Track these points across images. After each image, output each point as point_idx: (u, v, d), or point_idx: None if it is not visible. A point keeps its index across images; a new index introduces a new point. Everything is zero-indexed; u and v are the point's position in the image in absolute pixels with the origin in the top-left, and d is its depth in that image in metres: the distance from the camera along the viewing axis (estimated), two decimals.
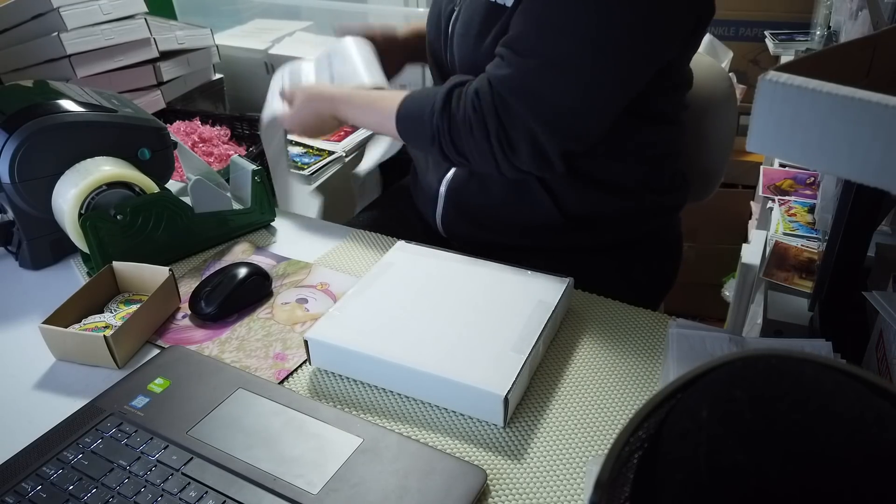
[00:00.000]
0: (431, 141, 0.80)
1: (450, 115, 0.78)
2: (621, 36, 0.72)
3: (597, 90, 0.74)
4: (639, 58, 0.75)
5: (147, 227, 0.83)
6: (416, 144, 0.85)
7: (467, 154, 0.79)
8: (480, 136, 0.76)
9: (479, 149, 0.77)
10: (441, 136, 0.79)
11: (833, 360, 0.34)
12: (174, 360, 0.68)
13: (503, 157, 0.77)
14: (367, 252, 0.89)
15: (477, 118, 0.76)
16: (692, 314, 0.80)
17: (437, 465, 0.56)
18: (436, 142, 0.80)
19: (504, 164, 0.78)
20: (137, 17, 1.36)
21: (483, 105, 0.75)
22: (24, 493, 0.54)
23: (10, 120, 0.78)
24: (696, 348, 0.66)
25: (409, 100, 0.83)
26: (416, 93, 0.84)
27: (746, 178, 1.83)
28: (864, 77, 0.50)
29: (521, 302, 0.71)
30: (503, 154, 0.76)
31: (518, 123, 0.75)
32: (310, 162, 1.46)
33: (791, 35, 1.87)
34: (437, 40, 0.91)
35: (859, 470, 0.29)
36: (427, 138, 0.81)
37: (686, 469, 0.31)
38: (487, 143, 0.76)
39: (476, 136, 0.76)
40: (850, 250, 0.79)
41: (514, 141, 0.75)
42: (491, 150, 0.76)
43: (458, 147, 0.79)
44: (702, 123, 1.03)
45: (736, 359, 0.34)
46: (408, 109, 0.83)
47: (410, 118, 0.82)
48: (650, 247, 0.96)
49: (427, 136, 0.80)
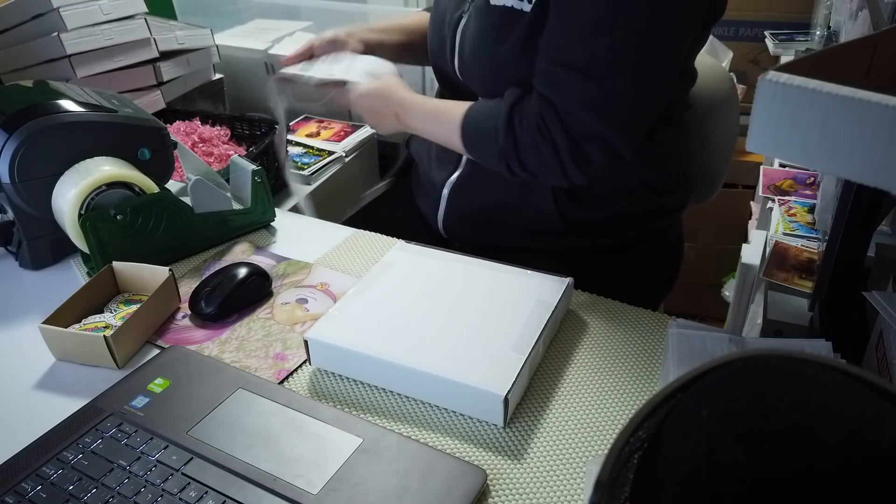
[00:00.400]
0: (498, 159, 0.81)
1: (515, 138, 0.79)
2: (659, 23, 0.73)
3: (651, 80, 0.76)
4: (678, 37, 0.76)
5: (147, 227, 0.83)
6: (482, 160, 0.86)
7: (537, 172, 0.80)
8: (550, 155, 0.77)
9: (549, 166, 0.78)
10: (508, 157, 0.80)
11: (833, 360, 0.34)
12: (174, 360, 0.68)
13: (575, 168, 0.78)
14: (367, 252, 0.89)
15: (544, 140, 0.77)
16: (692, 314, 0.80)
17: (437, 465, 0.56)
18: (502, 161, 0.81)
19: (576, 175, 0.78)
20: (137, 17, 1.36)
21: (550, 126, 0.76)
22: (24, 493, 0.54)
23: (10, 120, 0.78)
24: (696, 348, 0.66)
25: (472, 114, 0.83)
26: (478, 106, 0.84)
27: (746, 178, 1.83)
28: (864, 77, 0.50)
29: (521, 302, 0.71)
30: (575, 166, 0.77)
31: (589, 134, 0.76)
32: (310, 162, 1.46)
33: (791, 35, 1.86)
34: (440, 50, 0.91)
35: (859, 470, 0.29)
36: (493, 156, 0.82)
37: (686, 469, 0.31)
38: (558, 160, 0.77)
39: (545, 155, 0.77)
40: (850, 250, 0.79)
41: (588, 153, 0.77)
42: (562, 165, 0.77)
43: (525, 166, 0.80)
44: (704, 124, 1.03)
45: (736, 359, 0.34)
46: (471, 125, 0.83)
47: (474, 135, 0.83)
48: (651, 248, 0.96)
49: (493, 155, 0.81)
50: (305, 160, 1.48)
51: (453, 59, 0.88)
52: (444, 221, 0.96)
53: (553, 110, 0.76)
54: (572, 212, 0.87)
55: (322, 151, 1.51)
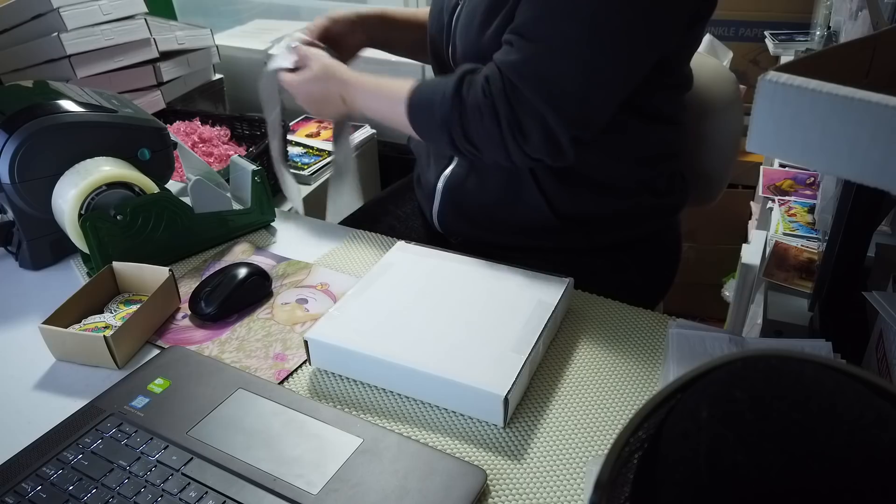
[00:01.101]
0: (441, 128, 0.79)
1: (461, 102, 0.77)
2: (622, 20, 0.72)
3: (600, 74, 0.75)
4: (640, 42, 0.75)
5: (147, 228, 0.83)
6: (425, 133, 0.84)
7: (477, 142, 0.78)
8: (491, 122, 0.75)
9: (489, 136, 0.76)
10: (451, 124, 0.78)
11: (833, 361, 0.34)
12: (174, 360, 0.68)
13: (514, 143, 0.76)
14: (367, 252, 0.89)
15: (487, 104, 0.75)
16: (692, 314, 0.80)
17: (437, 466, 0.56)
18: (445, 130, 0.79)
19: (515, 152, 0.77)
20: (137, 17, 1.36)
21: (494, 91, 0.75)
22: (24, 494, 0.54)
23: (10, 120, 0.79)
24: (696, 348, 0.66)
25: (420, 87, 0.82)
26: (427, 81, 0.83)
27: (746, 178, 1.83)
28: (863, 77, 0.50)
29: (521, 302, 0.71)
30: (514, 141, 0.76)
31: (529, 108, 0.74)
32: (309, 162, 1.46)
33: (791, 35, 1.87)
34: (439, 35, 0.91)
35: (859, 470, 0.29)
36: (437, 126, 0.80)
37: (686, 469, 0.31)
38: (498, 129, 0.75)
39: (486, 122, 0.76)
40: (850, 250, 0.79)
41: (525, 127, 0.75)
42: (501, 136, 0.76)
43: (468, 135, 0.78)
44: (707, 127, 1.02)
45: (736, 359, 0.34)
46: (419, 97, 0.82)
47: (421, 105, 0.81)
48: (648, 249, 0.95)
49: (437, 124, 0.79)
50: (305, 160, 1.48)
51: (449, 45, 0.88)
52: (439, 216, 0.96)
53: (499, 76, 0.75)
54: (564, 207, 0.87)
55: (322, 151, 1.51)
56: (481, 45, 0.81)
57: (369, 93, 0.87)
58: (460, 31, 0.84)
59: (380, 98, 0.86)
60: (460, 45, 0.85)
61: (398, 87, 0.84)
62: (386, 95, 0.85)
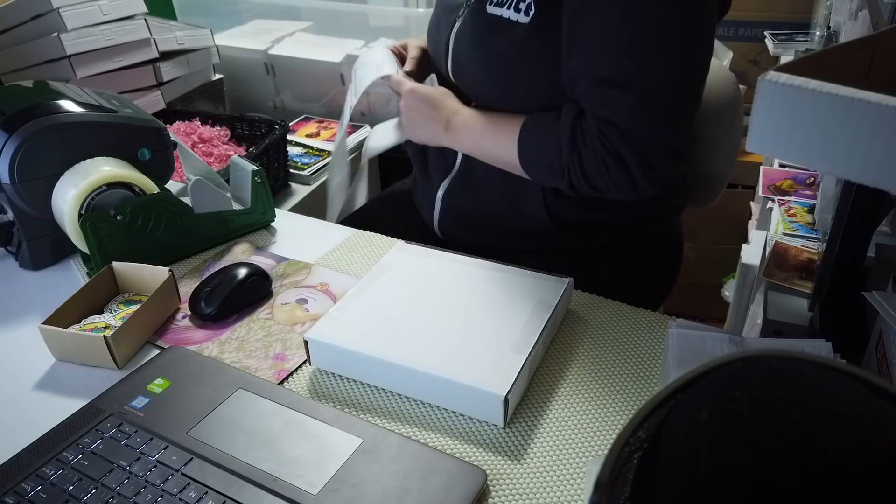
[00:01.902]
0: (561, 176, 0.81)
1: (579, 154, 0.78)
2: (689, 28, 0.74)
3: (695, 82, 0.77)
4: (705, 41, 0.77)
5: (147, 228, 0.83)
6: (539, 178, 0.85)
7: (603, 187, 0.80)
8: (618, 170, 0.77)
9: (617, 181, 0.78)
10: (572, 173, 0.80)
11: (833, 361, 0.34)
12: (174, 360, 0.68)
13: (643, 178, 0.78)
14: (367, 252, 0.89)
15: (610, 156, 0.77)
16: (692, 314, 0.80)
17: (437, 466, 0.56)
18: (565, 177, 0.81)
19: (645, 186, 0.78)
20: (137, 17, 1.36)
21: (614, 142, 0.76)
22: (24, 494, 0.54)
23: (10, 120, 0.78)
24: (696, 348, 0.65)
25: (528, 130, 0.82)
26: (533, 121, 0.83)
27: (746, 178, 1.83)
28: (863, 77, 0.50)
29: (521, 302, 0.71)
30: (644, 177, 0.77)
31: (655, 143, 0.76)
32: (309, 162, 1.46)
33: (791, 35, 1.87)
34: (437, 51, 0.91)
35: (859, 470, 0.29)
36: (556, 174, 0.81)
37: (686, 469, 0.31)
38: (627, 174, 0.77)
39: (613, 171, 0.77)
40: (850, 250, 0.79)
41: (653, 160, 0.77)
42: (631, 179, 0.78)
43: (590, 182, 0.80)
44: (707, 128, 1.02)
45: (736, 359, 0.34)
46: (530, 141, 0.82)
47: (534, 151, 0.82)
48: (649, 250, 0.95)
49: (556, 172, 0.81)
50: (305, 160, 1.48)
51: (447, 61, 0.89)
52: (439, 223, 0.97)
53: (613, 127, 0.76)
54: (564, 214, 0.87)
55: (322, 151, 1.51)
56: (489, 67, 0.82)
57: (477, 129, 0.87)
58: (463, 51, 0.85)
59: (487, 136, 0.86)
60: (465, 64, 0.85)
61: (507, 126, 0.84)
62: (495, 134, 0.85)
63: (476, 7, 0.83)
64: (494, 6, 0.80)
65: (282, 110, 1.75)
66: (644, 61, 0.73)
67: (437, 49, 0.92)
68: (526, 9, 0.77)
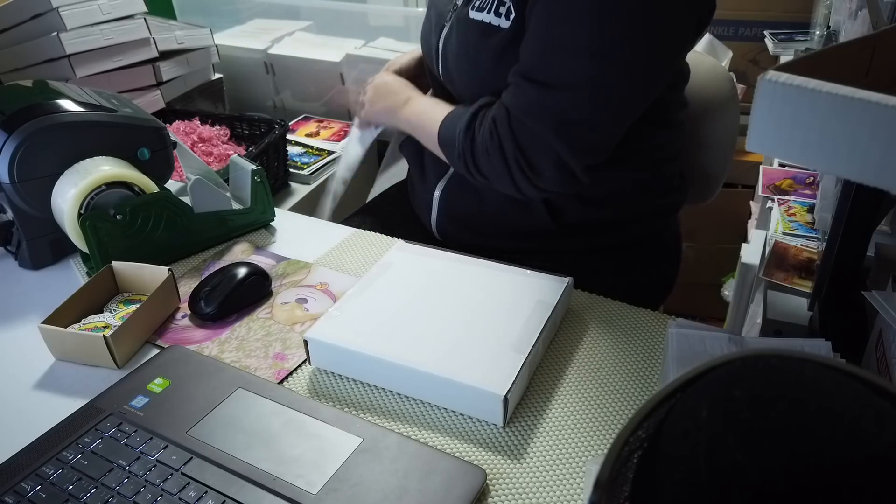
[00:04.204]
0: (458, 160, 0.83)
1: (472, 138, 0.80)
2: (624, 49, 0.72)
3: (610, 103, 0.75)
4: (646, 66, 0.75)
5: (147, 227, 0.83)
6: (450, 162, 0.88)
7: (487, 175, 0.81)
8: (498, 161, 0.78)
9: (496, 172, 0.79)
10: (465, 157, 0.82)
11: (833, 360, 0.34)
12: (174, 360, 0.68)
13: (524, 179, 0.79)
14: (366, 252, 0.89)
15: (493, 144, 0.78)
16: (692, 314, 0.80)
17: (437, 465, 0.56)
18: (462, 160, 0.83)
19: (525, 186, 0.80)
20: (137, 16, 1.36)
21: (500, 131, 0.77)
22: (24, 493, 0.54)
23: (9, 120, 0.78)
24: (695, 348, 0.65)
25: (448, 116, 0.85)
26: (456, 110, 0.86)
27: (746, 178, 1.83)
28: (863, 77, 0.50)
29: (521, 302, 0.71)
30: (523, 176, 0.78)
31: (540, 146, 0.76)
32: (309, 162, 1.46)
33: (790, 35, 1.87)
34: (429, 54, 0.92)
35: (859, 469, 0.29)
36: (456, 157, 0.84)
37: (686, 469, 0.31)
38: (505, 167, 0.78)
39: (494, 161, 0.78)
40: (849, 250, 0.79)
41: (536, 164, 0.77)
42: (509, 173, 0.79)
43: (479, 168, 0.81)
44: (703, 126, 1.02)
45: (735, 358, 0.34)
46: (445, 126, 0.85)
47: (446, 136, 0.85)
48: (649, 249, 0.95)
49: (455, 155, 0.83)
50: (305, 160, 1.48)
51: (438, 65, 0.89)
52: (437, 224, 0.96)
53: (506, 117, 0.77)
54: (565, 214, 0.88)
55: (321, 151, 1.51)
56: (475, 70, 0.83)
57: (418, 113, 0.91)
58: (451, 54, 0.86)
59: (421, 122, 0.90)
60: (453, 67, 0.86)
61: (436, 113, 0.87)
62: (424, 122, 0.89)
63: (461, 12, 0.84)
64: (476, 10, 0.81)
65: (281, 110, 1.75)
66: (563, 63, 0.73)
67: (429, 52, 0.93)
68: (506, 13, 0.78)
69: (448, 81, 0.89)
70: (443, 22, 0.88)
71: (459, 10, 0.84)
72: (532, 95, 0.75)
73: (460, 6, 0.85)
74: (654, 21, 0.72)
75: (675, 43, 0.77)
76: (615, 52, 0.72)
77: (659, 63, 0.77)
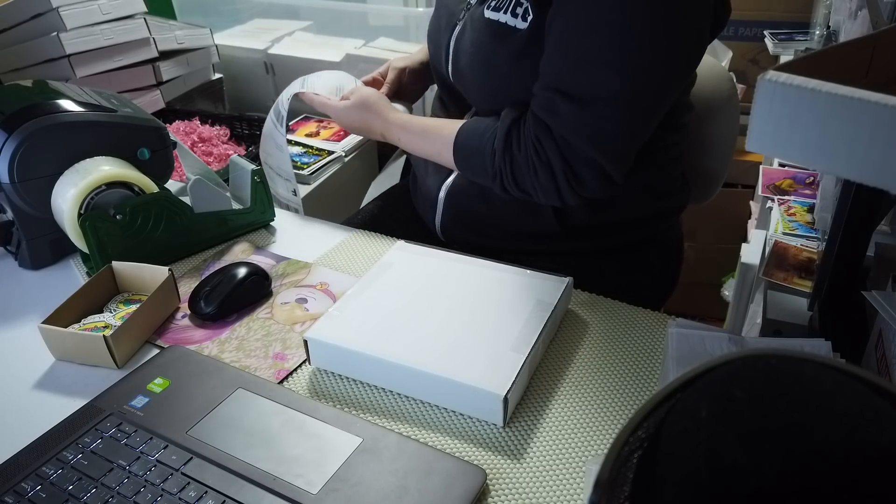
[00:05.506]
0: (493, 178, 0.83)
1: (511, 158, 0.80)
2: (651, 58, 0.74)
3: (641, 112, 0.77)
4: (672, 72, 0.77)
5: (147, 227, 0.83)
6: (473, 176, 0.88)
7: (531, 192, 0.82)
8: (546, 176, 0.79)
9: (544, 187, 0.80)
10: (503, 176, 0.82)
11: (833, 360, 0.34)
12: (174, 359, 0.68)
13: (569, 189, 0.80)
14: (367, 252, 0.89)
15: (541, 162, 0.78)
16: (692, 314, 0.80)
17: (437, 465, 0.56)
18: (497, 179, 0.83)
19: (569, 196, 0.80)
20: (137, 16, 1.36)
21: (547, 149, 0.78)
22: (24, 493, 0.54)
23: (9, 120, 0.78)
24: (695, 348, 0.65)
25: (465, 132, 0.85)
26: (471, 124, 0.85)
27: (746, 178, 1.83)
28: (863, 77, 0.50)
29: (521, 302, 0.71)
30: (569, 187, 0.79)
31: (584, 159, 0.77)
32: (309, 161, 1.46)
33: (790, 35, 1.87)
34: (438, 54, 0.92)
35: (859, 469, 0.29)
36: (488, 175, 0.83)
37: (686, 469, 0.31)
38: (553, 182, 0.79)
39: (541, 177, 0.79)
40: (849, 250, 0.79)
41: (580, 175, 0.78)
42: (557, 186, 0.79)
43: (520, 185, 0.82)
44: (703, 126, 1.03)
45: (735, 358, 0.34)
46: (465, 143, 0.85)
47: (469, 152, 0.85)
48: (651, 249, 0.96)
49: (488, 173, 0.83)
50: (305, 160, 1.48)
51: (447, 64, 0.89)
52: (441, 225, 0.96)
53: (549, 134, 0.77)
54: (572, 217, 0.88)
55: (321, 151, 1.51)
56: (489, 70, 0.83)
57: (414, 134, 0.91)
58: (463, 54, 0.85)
59: (425, 140, 0.90)
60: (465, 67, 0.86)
61: (445, 129, 0.87)
62: (432, 138, 0.89)
63: (475, 11, 0.83)
64: (492, 10, 0.80)
65: None
66: (594, 77, 0.74)
67: (438, 52, 0.92)
68: (523, 14, 0.77)
69: (458, 82, 0.88)
70: (455, 21, 0.87)
71: (473, 9, 0.84)
72: (568, 112, 0.75)
73: (474, 5, 0.84)
74: (676, 28, 0.73)
75: (695, 47, 0.78)
76: (643, 62, 0.73)
77: (682, 68, 0.79)
